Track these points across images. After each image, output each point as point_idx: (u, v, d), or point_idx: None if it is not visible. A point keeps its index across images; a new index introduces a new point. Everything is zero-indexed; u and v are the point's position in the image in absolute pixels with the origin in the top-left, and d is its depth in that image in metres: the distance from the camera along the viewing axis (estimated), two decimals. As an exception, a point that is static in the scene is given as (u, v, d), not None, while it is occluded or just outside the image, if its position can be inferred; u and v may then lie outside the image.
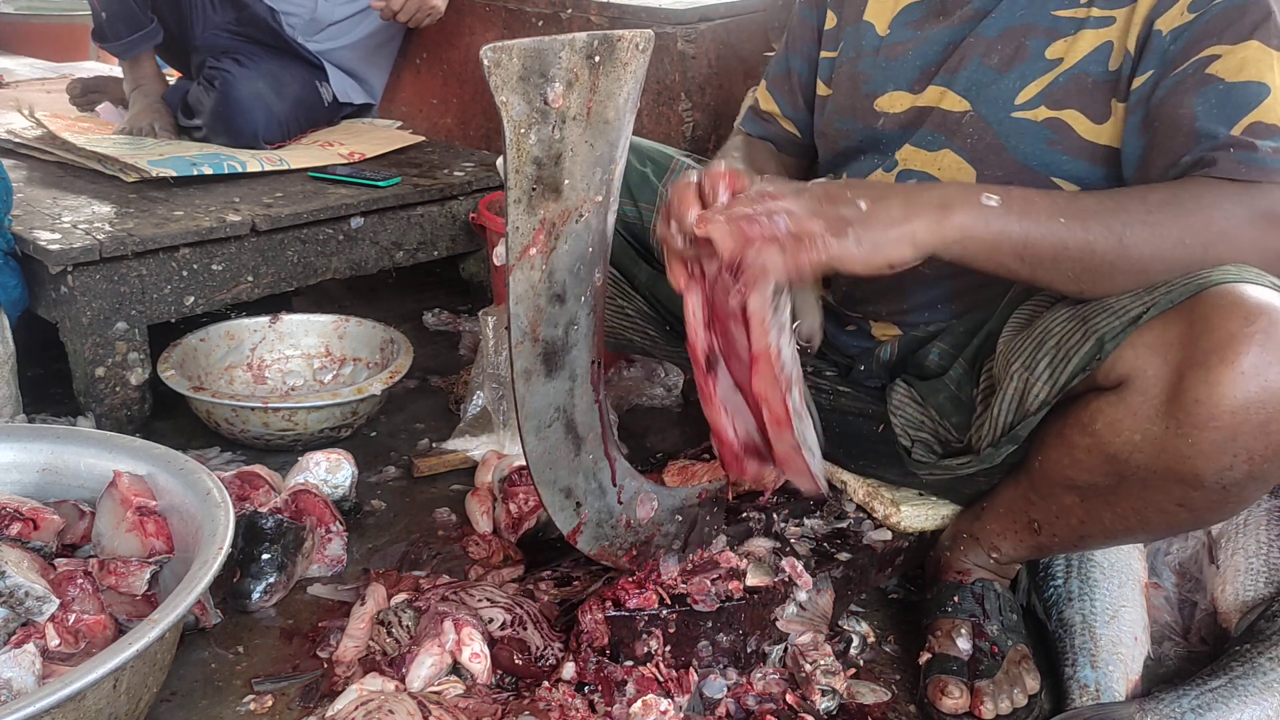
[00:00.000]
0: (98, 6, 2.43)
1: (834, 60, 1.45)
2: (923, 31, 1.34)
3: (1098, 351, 1.08)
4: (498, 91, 0.94)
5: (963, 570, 1.35)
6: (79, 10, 4.11)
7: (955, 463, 1.27)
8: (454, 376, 2.10)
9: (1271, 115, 1.09)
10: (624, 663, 1.23)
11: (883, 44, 1.38)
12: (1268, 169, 1.08)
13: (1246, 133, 1.09)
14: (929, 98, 1.32)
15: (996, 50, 1.26)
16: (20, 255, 1.79)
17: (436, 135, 2.70)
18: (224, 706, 1.24)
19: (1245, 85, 1.10)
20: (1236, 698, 1.18)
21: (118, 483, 1.32)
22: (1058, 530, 1.25)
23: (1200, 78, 1.13)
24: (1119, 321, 1.08)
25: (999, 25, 1.26)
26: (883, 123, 1.36)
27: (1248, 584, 1.35)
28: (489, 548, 1.52)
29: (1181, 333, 1.04)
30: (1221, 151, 1.09)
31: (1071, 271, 1.09)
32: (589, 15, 2.29)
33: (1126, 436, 1.08)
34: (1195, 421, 1.02)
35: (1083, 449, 1.14)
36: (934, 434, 1.34)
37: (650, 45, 1.03)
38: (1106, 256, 1.07)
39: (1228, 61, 1.11)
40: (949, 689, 1.23)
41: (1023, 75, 1.24)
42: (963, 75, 1.28)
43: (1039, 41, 1.24)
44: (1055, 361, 1.13)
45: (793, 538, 1.39)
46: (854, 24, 1.41)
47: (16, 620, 1.15)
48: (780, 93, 1.54)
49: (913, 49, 1.34)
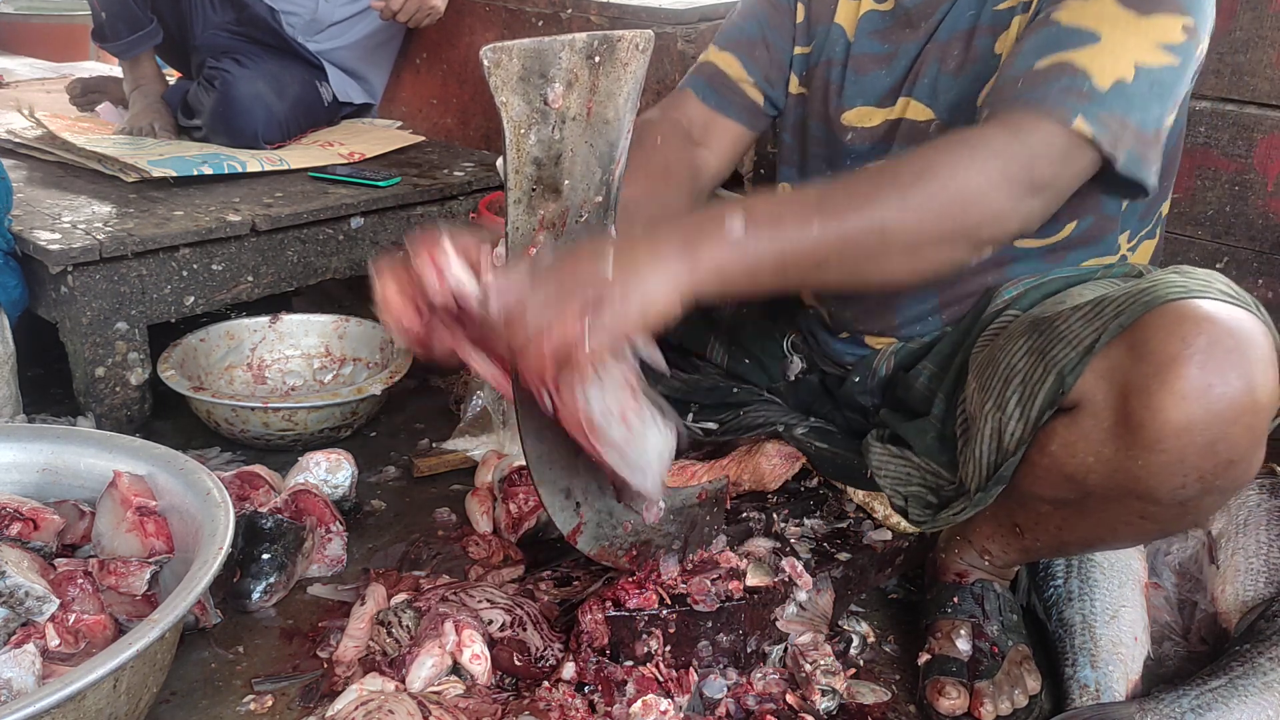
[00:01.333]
0: (98, 6, 2.43)
1: (807, 57, 1.41)
2: (890, 44, 1.32)
3: (1059, 387, 1.09)
4: (498, 92, 0.94)
5: (961, 571, 1.35)
6: (79, 10, 4.11)
7: (949, 514, 1.27)
8: (454, 376, 2.09)
9: (1085, 60, 1.06)
10: (624, 663, 1.23)
11: (850, 54, 1.35)
12: (1048, 107, 1.05)
13: (1048, 69, 1.07)
14: (898, 110, 1.31)
15: (951, 54, 1.25)
16: (20, 255, 1.79)
17: (436, 135, 2.70)
18: (224, 706, 1.24)
19: (1075, 30, 1.09)
20: (1236, 698, 1.18)
21: (118, 483, 1.32)
22: (1039, 535, 1.26)
23: (1044, 20, 1.12)
24: (1074, 353, 1.08)
25: (949, 29, 1.25)
26: (851, 137, 1.35)
27: (1248, 584, 1.35)
28: (489, 548, 1.52)
29: (1123, 358, 1.04)
30: (1014, 84, 1.08)
31: (840, 271, 1.05)
32: (589, 15, 2.29)
33: (1081, 459, 1.09)
34: (1143, 444, 1.03)
35: (1042, 468, 1.15)
36: (923, 483, 1.34)
37: (650, 45, 1.03)
38: (869, 247, 1.03)
39: (1071, 8, 1.10)
40: (946, 690, 1.23)
41: (978, 76, 1.23)
42: (924, 83, 1.27)
43: (986, 40, 1.23)
44: (1023, 399, 1.13)
45: (793, 538, 1.39)
46: (824, 24, 1.38)
47: (16, 620, 1.15)
48: (751, 59, 1.41)
49: (885, 66, 1.32)
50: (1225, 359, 0.99)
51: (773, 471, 1.49)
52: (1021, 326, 1.18)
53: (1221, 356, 0.99)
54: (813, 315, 1.51)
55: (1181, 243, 1.68)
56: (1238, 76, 1.61)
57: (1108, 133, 1.06)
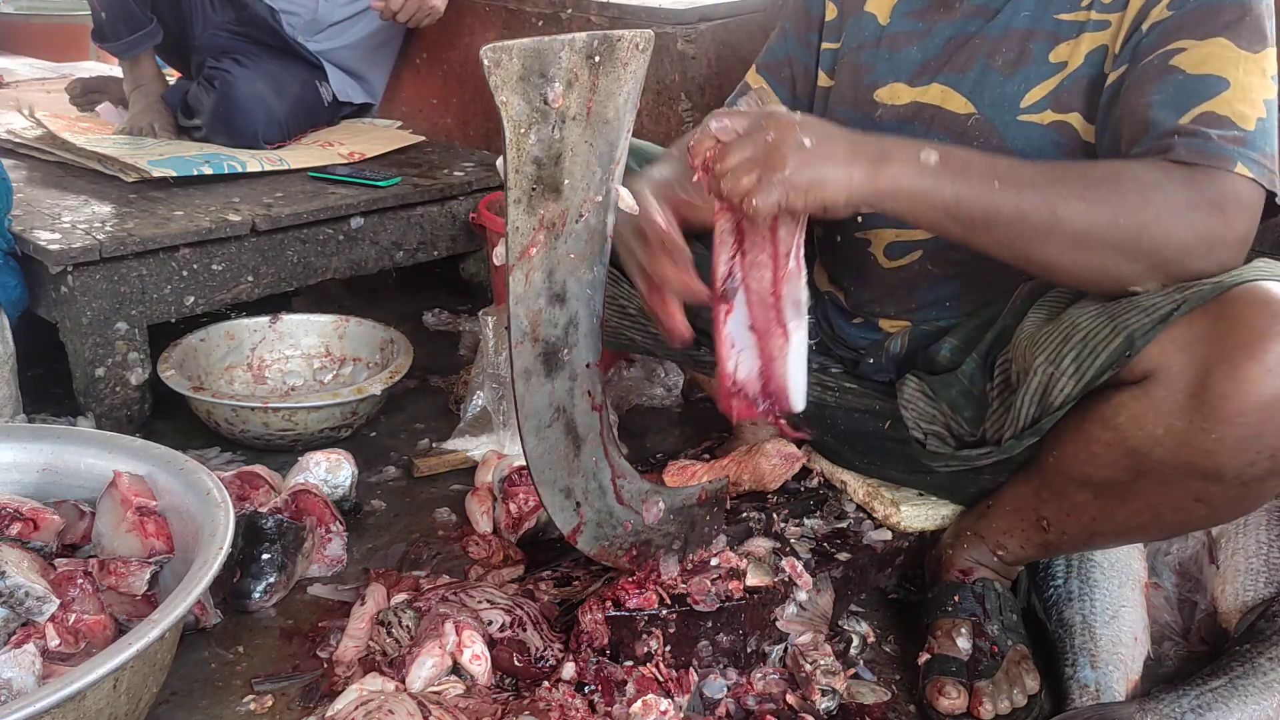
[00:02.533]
0: (98, 6, 2.43)
1: (836, 52, 1.44)
2: (925, 24, 1.33)
3: (1127, 348, 1.08)
4: (498, 91, 0.94)
5: (965, 569, 1.35)
6: (79, 10, 4.11)
7: (975, 454, 1.26)
8: (454, 376, 2.10)
9: (1225, 107, 1.09)
10: (624, 663, 1.23)
11: (884, 34, 1.37)
12: (1216, 155, 1.07)
13: (1197, 121, 1.10)
14: (931, 95, 1.31)
15: (1001, 52, 1.26)
16: (20, 255, 1.79)
17: (436, 135, 2.70)
18: (224, 706, 1.24)
19: (1204, 78, 1.11)
20: (1236, 698, 1.18)
21: (118, 483, 1.32)
22: (1068, 528, 1.25)
23: (1163, 68, 1.13)
24: (1149, 319, 1.08)
25: (1003, 26, 1.26)
26: (880, 114, 1.36)
27: (1248, 584, 1.35)
28: (489, 548, 1.52)
29: (1209, 329, 1.04)
30: (1169, 138, 1.09)
31: (1004, 237, 1.09)
32: (589, 15, 2.28)
33: (1149, 430, 1.09)
34: (1220, 417, 1.03)
35: (1103, 443, 1.14)
36: (946, 427, 1.33)
37: (650, 45, 1.03)
38: (1039, 226, 1.08)
39: (1192, 55, 1.12)
40: (946, 689, 1.23)
41: (1027, 78, 1.24)
42: (969, 77, 1.28)
43: (1042, 45, 1.24)
44: (1082, 356, 1.12)
45: (793, 538, 1.39)
46: (855, 15, 1.40)
47: (16, 620, 1.16)
48: (777, 79, 1.50)
49: (916, 43, 1.33)
50: None
51: (773, 471, 1.49)
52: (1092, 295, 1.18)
53: None
54: (828, 299, 1.52)
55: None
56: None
57: (1265, 171, 1.10)
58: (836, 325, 1.51)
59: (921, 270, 1.34)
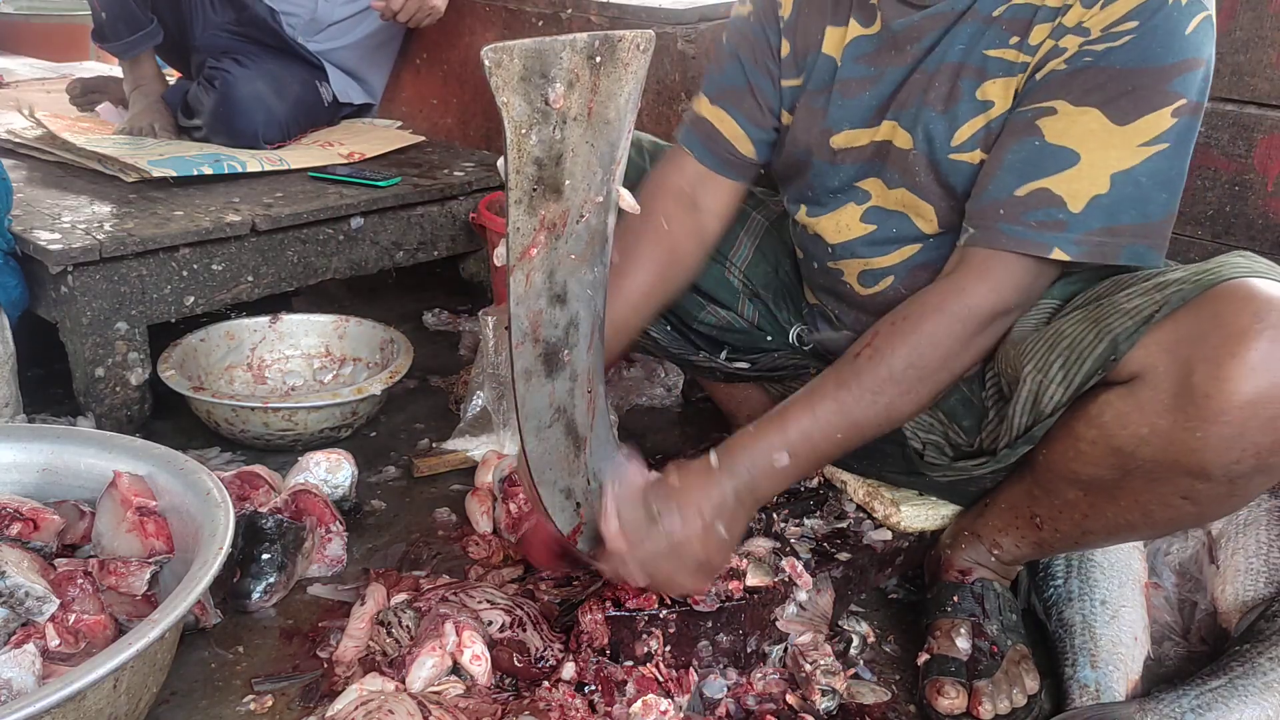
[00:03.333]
0: (98, 6, 2.43)
1: (798, 89, 1.39)
2: (877, 68, 1.30)
3: (1112, 352, 1.09)
4: (498, 92, 0.94)
5: (964, 569, 1.35)
6: (79, 10, 4.11)
7: (970, 464, 1.27)
8: (454, 376, 2.10)
9: (1062, 185, 1.12)
10: (624, 663, 1.23)
11: (837, 79, 1.34)
12: (1019, 244, 1.14)
13: (1029, 197, 1.13)
14: (883, 132, 1.30)
15: (934, 87, 1.24)
16: (20, 255, 1.79)
17: (436, 135, 2.70)
18: (224, 706, 1.24)
19: (1057, 150, 1.12)
20: (1236, 698, 1.18)
21: (118, 483, 1.32)
22: (1060, 525, 1.25)
23: (1028, 127, 1.15)
24: (1132, 322, 1.09)
25: (937, 61, 1.24)
26: (841, 158, 1.34)
27: (1248, 584, 1.35)
28: (489, 548, 1.52)
29: (1192, 328, 1.04)
30: (995, 213, 1.15)
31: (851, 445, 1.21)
32: (589, 15, 2.29)
33: (1134, 430, 1.09)
34: (1204, 416, 1.03)
35: (1088, 441, 1.14)
36: (944, 436, 1.34)
37: (651, 45, 1.03)
38: (882, 428, 1.20)
39: (1058, 122, 1.13)
40: (945, 690, 1.23)
41: (955, 116, 1.22)
42: (908, 112, 1.27)
43: (970, 82, 1.22)
44: (1069, 363, 1.13)
45: (793, 538, 1.39)
46: (813, 53, 1.36)
47: (16, 620, 1.16)
48: (740, 110, 1.41)
49: (869, 89, 1.31)
50: None
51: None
52: (1076, 301, 1.20)
53: None
54: (816, 311, 1.52)
55: (1181, 243, 1.68)
56: (1238, 76, 1.61)
57: (1088, 249, 1.13)
58: (825, 336, 1.51)
59: (896, 294, 1.33)
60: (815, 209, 1.39)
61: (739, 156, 1.43)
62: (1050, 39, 1.15)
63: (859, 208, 1.34)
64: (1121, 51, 1.10)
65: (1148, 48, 1.09)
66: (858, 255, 1.36)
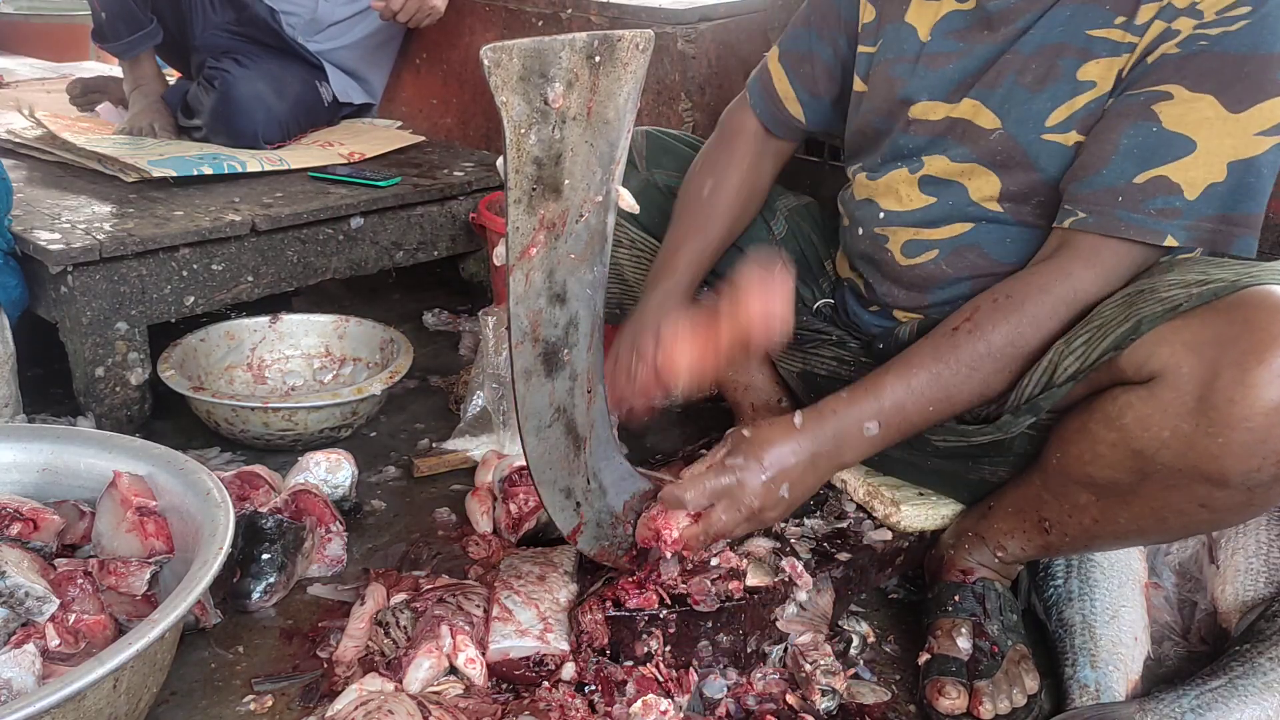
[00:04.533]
0: (98, 6, 2.43)
1: (872, 56, 1.41)
2: (966, 43, 1.31)
3: (1133, 332, 1.09)
4: (498, 91, 0.94)
5: (966, 569, 1.35)
6: (79, 10, 4.11)
7: (971, 429, 1.27)
8: (454, 376, 2.10)
9: (1180, 173, 1.12)
10: (624, 663, 1.23)
11: (923, 51, 1.35)
12: (1148, 231, 1.14)
13: (1149, 185, 1.13)
14: (963, 109, 1.30)
15: (1030, 68, 1.24)
16: (20, 255, 1.79)
17: (436, 135, 2.70)
18: (224, 706, 1.24)
19: (1174, 136, 1.12)
20: (1236, 698, 1.18)
21: (118, 483, 1.32)
22: (1069, 529, 1.25)
23: (1143, 111, 1.14)
24: (1161, 308, 1.09)
25: (1035, 42, 1.24)
26: (914, 129, 1.35)
27: (1248, 584, 1.35)
28: (489, 548, 1.52)
29: (1219, 332, 1.04)
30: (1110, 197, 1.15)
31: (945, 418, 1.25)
32: (589, 15, 2.28)
33: (1155, 433, 1.09)
34: (1227, 421, 1.02)
35: (1107, 444, 1.14)
36: None
37: (650, 45, 1.03)
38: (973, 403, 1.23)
39: (1175, 108, 1.13)
40: (946, 690, 1.23)
41: (1054, 96, 1.22)
42: (998, 92, 1.27)
43: (1071, 62, 1.21)
44: (1092, 339, 1.14)
45: (793, 538, 1.39)
46: (895, 23, 1.38)
47: (16, 620, 1.16)
48: (797, 75, 1.50)
49: (954, 62, 1.32)
50: None
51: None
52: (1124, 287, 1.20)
53: None
54: (846, 285, 1.52)
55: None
56: (1238, 76, 1.60)
57: (1199, 235, 1.13)
58: (852, 311, 1.51)
59: (937, 269, 1.34)
60: (874, 174, 1.41)
61: (786, 114, 1.52)
62: (1159, 20, 1.15)
63: (913, 176, 1.35)
64: (1236, 37, 1.10)
65: (1260, 34, 1.10)
66: (907, 224, 1.37)
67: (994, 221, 1.30)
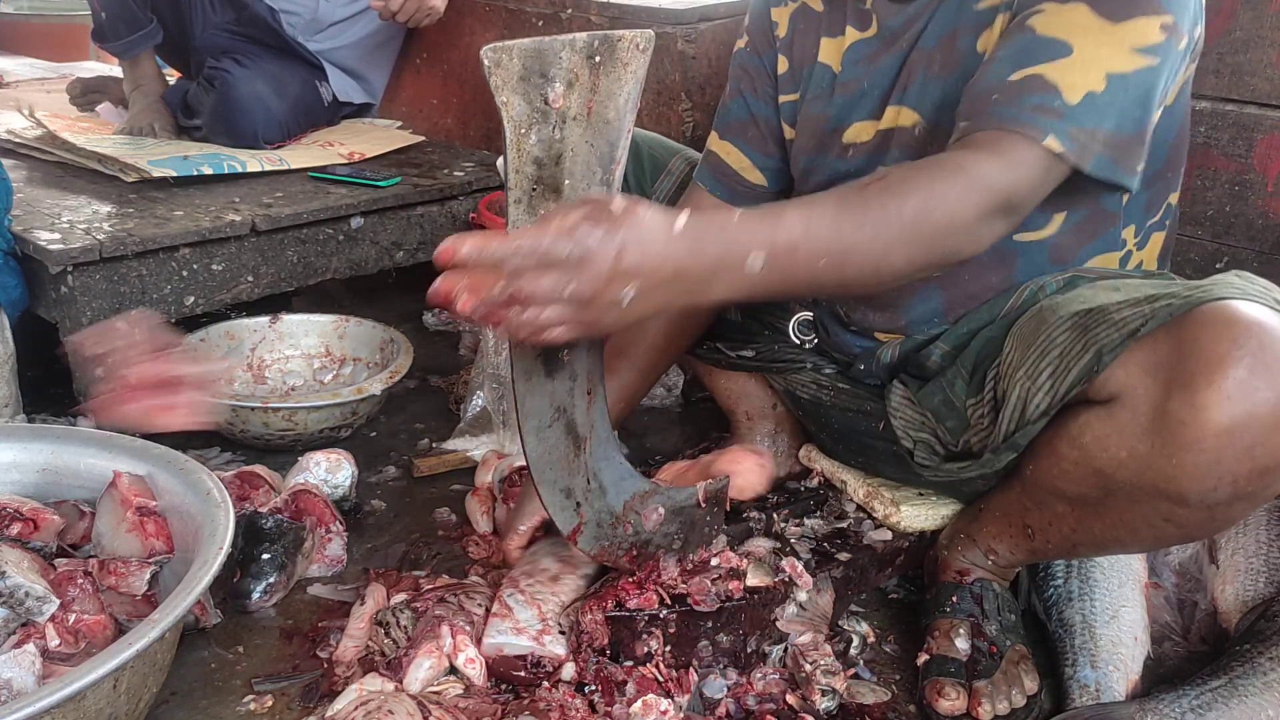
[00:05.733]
0: (98, 6, 2.43)
1: (795, 104, 1.42)
2: (875, 65, 1.32)
3: (1095, 364, 1.09)
4: (498, 91, 0.94)
5: (962, 569, 1.35)
6: (79, 10, 4.11)
7: (956, 466, 1.27)
8: (454, 376, 2.10)
9: (1057, 74, 1.09)
10: (624, 663, 1.23)
11: (837, 82, 1.36)
12: (1026, 124, 1.08)
13: (1024, 83, 1.09)
14: (888, 119, 1.31)
15: (936, 59, 1.26)
16: (20, 255, 1.78)
17: (436, 135, 2.70)
18: (224, 706, 1.24)
19: (1049, 41, 1.10)
20: (1236, 698, 1.18)
21: (118, 483, 1.32)
22: (1050, 536, 1.26)
23: (1019, 26, 1.13)
24: (1118, 334, 1.08)
25: (935, 35, 1.26)
26: (852, 153, 1.36)
27: (1248, 584, 1.35)
28: (489, 548, 1.52)
29: (1170, 352, 1.03)
30: (989, 98, 1.11)
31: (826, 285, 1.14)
32: (589, 15, 2.28)
33: (1113, 453, 1.09)
34: (1180, 443, 1.02)
35: (1070, 461, 1.14)
36: (933, 434, 1.34)
37: (651, 45, 1.03)
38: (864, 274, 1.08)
39: (1048, 18, 1.11)
40: (946, 690, 1.23)
41: (962, 75, 1.22)
42: (913, 90, 1.28)
43: (969, 38, 1.23)
44: (1056, 372, 1.13)
45: (793, 538, 1.39)
46: (809, 65, 1.39)
47: (16, 620, 1.16)
48: (745, 141, 1.47)
49: (868, 80, 1.33)
50: (1276, 364, 0.99)
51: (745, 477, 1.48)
52: (1071, 307, 1.18)
53: (1272, 361, 0.99)
54: (824, 306, 1.52)
55: (1181, 243, 1.68)
56: (1237, 76, 1.61)
57: (1076, 146, 1.09)
58: (832, 332, 1.50)
59: (905, 286, 1.34)
60: None
61: (748, 185, 1.48)
62: None
63: None
64: None
65: None
66: None
67: None
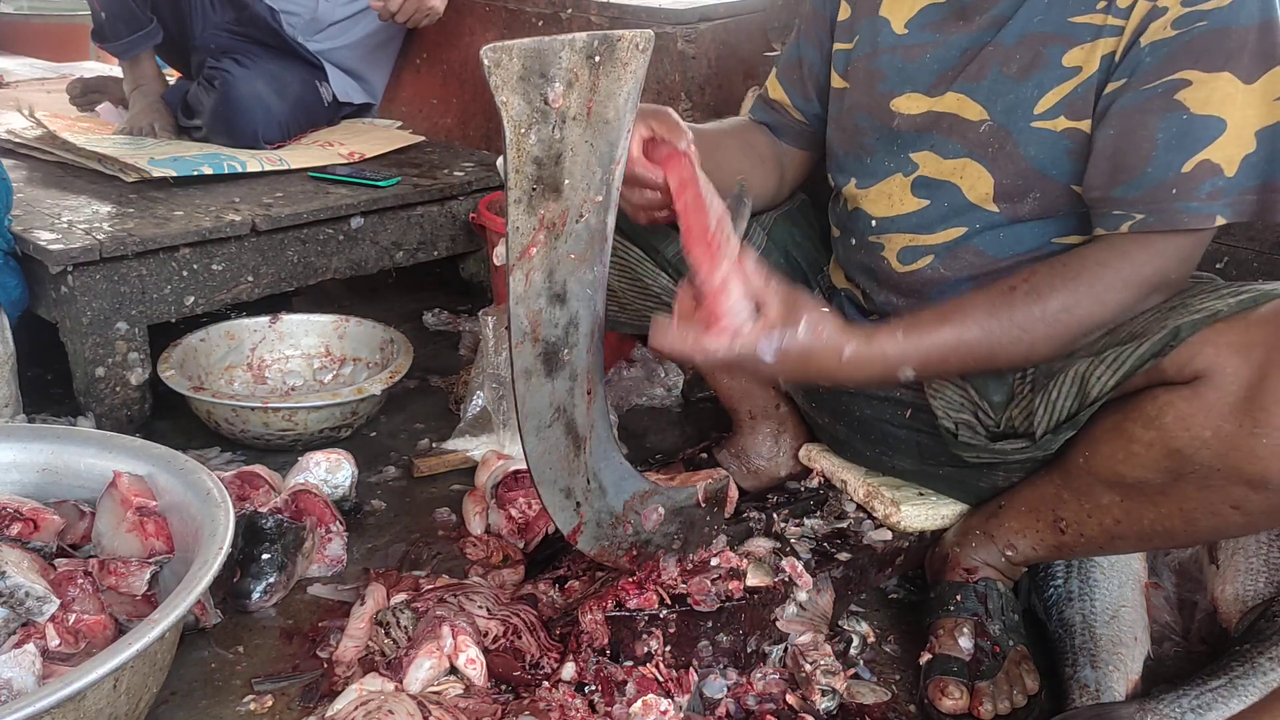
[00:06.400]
0: (98, 6, 2.43)
1: (849, 53, 1.42)
2: (942, 35, 1.32)
3: (1172, 338, 1.10)
4: (498, 91, 0.94)
5: (970, 567, 1.35)
6: (79, 10, 4.11)
7: (1010, 446, 1.27)
8: (454, 376, 2.10)
9: (1219, 152, 1.12)
10: (624, 663, 1.23)
11: (899, 43, 1.35)
12: (1199, 217, 1.14)
13: (1197, 171, 1.13)
14: (947, 103, 1.30)
15: (1015, 59, 1.25)
16: (20, 255, 1.79)
17: (436, 135, 2.70)
18: (224, 706, 1.24)
19: (1207, 120, 1.13)
20: (1236, 698, 1.18)
21: (118, 483, 1.32)
22: (1087, 530, 1.25)
23: (1168, 101, 1.14)
24: (1199, 315, 1.10)
25: (1017, 32, 1.25)
26: (898, 123, 1.35)
27: (1248, 584, 1.35)
28: (488, 548, 1.52)
29: (1268, 334, 1.05)
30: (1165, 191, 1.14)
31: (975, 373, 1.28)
32: (589, 15, 2.29)
33: (1196, 432, 1.09)
34: (1273, 422, 1.03)
35: (1144, 443, 1.14)
36: (974, 414, 1.33)
37: (650, 45, 1.03)
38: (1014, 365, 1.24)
39: (1198, 91, 1.13)
40: (949, 689, 1.23)
41: (1040, 84, 1.23)
42: (983, 84, 1.27)
43: (1056, 49, 1.22)
44: (1123, 347, 1.15)
45: (793, 538, 1.39)
46: (870, 17, 1.39)
47: (16, 620, 1.16)
48: (790, 82, 1.51)
49: (930, 52, 1.32)
50: None
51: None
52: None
53: None
54: (844, 295, 1.51)
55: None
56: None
57: (1233, 210, 1.13)
58: (853, 320, 1.50)
59: (934, 274, 1.34)
60: (865, 180, 1.40)
61: (788, 117, 1.53)
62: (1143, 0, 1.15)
63: (906, 179, 1.34)
64: (1228, 11, 1.11)
65: (1243, 5, 1.11)
66: (902, 230, 1.36)
67: (989, 223, 1.29)
